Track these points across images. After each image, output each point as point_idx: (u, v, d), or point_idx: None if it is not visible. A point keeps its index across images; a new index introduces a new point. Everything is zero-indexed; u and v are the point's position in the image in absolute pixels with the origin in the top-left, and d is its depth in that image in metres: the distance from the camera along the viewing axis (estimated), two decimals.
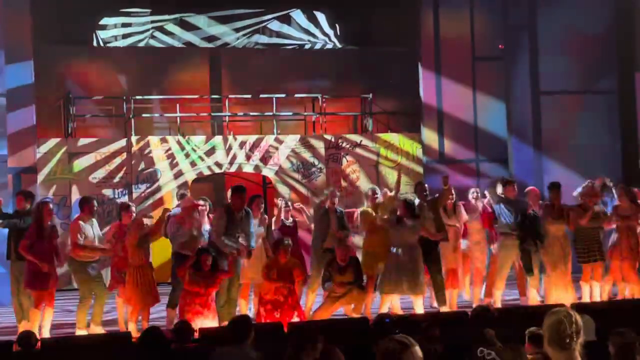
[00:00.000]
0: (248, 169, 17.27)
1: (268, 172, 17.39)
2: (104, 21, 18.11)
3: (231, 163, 17.18)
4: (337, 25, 19.29)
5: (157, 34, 18.46)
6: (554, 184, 12.63)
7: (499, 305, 12.04)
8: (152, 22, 18.43)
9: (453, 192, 12.51)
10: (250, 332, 7.01)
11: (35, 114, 16.28)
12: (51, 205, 11.10)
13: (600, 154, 17.93)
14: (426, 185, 12.61)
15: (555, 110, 18.43)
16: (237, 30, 18.99)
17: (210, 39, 18.82)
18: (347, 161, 17.72)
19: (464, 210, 12.88)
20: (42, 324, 10.79)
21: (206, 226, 11.75)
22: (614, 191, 12.98)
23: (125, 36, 18.33)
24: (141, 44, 18.46)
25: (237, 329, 7.10)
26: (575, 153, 18.04)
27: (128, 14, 18.29)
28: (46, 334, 10.68)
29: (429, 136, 18.46)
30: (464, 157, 18.56)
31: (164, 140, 16.98)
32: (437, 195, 12.28)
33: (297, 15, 19.22)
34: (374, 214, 12.16)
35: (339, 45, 19.43)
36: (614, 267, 12.55)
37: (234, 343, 6.94)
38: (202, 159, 17.04)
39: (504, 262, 12.32)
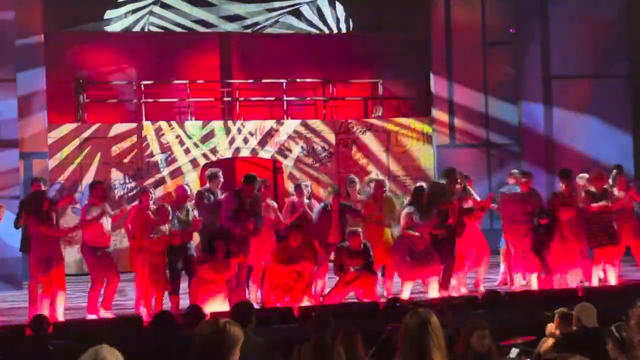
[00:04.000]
0: (258, 154, 17.28)
1: (278, 156, 17.40)
2: (108, 15, 18.06)
3: (241, 148, 17.19)
4: (348, 10, 19.22)
5: (166, 13, 18.34)
6: (565, 171, 12.65)
7: (535, 287, 12.08)
8: (159, 3, 18.33)
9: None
10: (252, 317, 7.06)
11: (46, 99, 16.30)
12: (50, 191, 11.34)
13: (612, 139, 17.87)
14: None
15: (567, 94, 18.38)
16: (267, 11, 18.92)
17: (227, 19, 18.70)
18: (357, 146, 17.71)
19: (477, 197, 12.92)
20: (55, 308, 10.85)
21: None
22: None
23: (133, 24, 18.28)
24: (149, 28, 18.39)
25: (240, 313, 7.17)
26: (586, 138, 18.00)
27: (132, 0, 18.18)
28: (60, 317, 10.75)
29: (440, 121, 18.40)
30: (475, 142, 18.50)
31: (174, 126, 16.99)
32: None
33: (322, 3, 19.17)
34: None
35: (345, 30, 19.33)
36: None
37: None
38: (212, 144, 17.05)
39: (516, 247, 12.34)
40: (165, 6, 18.31)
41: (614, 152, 16.95)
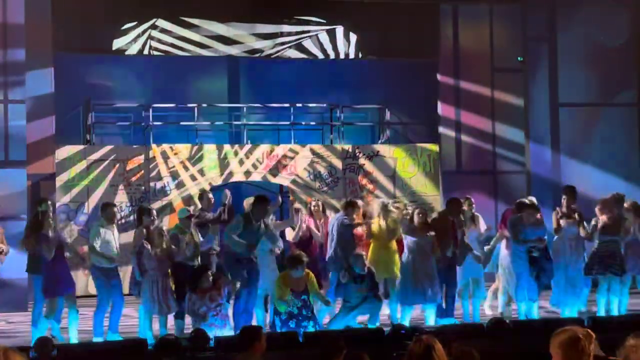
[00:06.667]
0: (265, 177, 17.29)
1: (285, 181, 17.40)
2: (116, 44, 18.08)
3: (249, 172, 17.20)
4: (355, 36, 19.28)
5: (176, 42, 18.41)
6: (568, 186, 12.75)
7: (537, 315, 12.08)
8: (159, 28, 18.35)
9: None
10: (257, 341, 7.05)
11: (54, 121, 16.35)
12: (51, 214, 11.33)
13: (619, 167, 17.86)
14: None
15: (574, 122, 18.39)
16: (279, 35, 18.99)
17: (235, 43, 18.77)
18: (364, 171, 17.70)
19: (482, 221, 12.92)
20: (69, 329, 10.94)
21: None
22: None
23: (142, 48, 18.34)
24: (152, 52, 18.44)
25: (245, 336, 7.18)
26: (593, 166, 17.99)
27: (142, 22, 18.22)
28: (74, 339, 10.83)
29: (447, 147, 18.40)
30: (482, 168, 18.49)
31: (181, 149, 17.01)
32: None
33: (339, 29, 19.25)
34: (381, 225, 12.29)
35: (353, 56, 19.37)
36: None
37: (242, 350, 7.04)
38: (218, 168, 17.07)
39: (521, 271, 12.28)
40: (165, 31, 18.34)
41: (621, 180, 16.96)
